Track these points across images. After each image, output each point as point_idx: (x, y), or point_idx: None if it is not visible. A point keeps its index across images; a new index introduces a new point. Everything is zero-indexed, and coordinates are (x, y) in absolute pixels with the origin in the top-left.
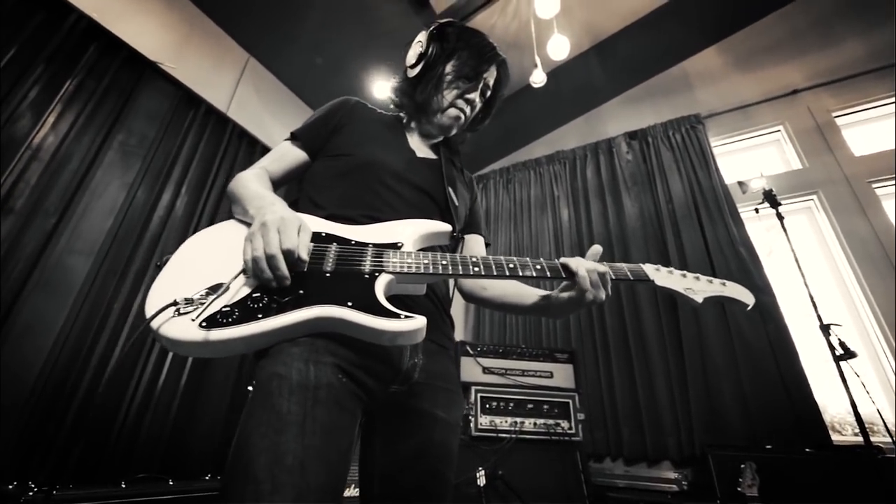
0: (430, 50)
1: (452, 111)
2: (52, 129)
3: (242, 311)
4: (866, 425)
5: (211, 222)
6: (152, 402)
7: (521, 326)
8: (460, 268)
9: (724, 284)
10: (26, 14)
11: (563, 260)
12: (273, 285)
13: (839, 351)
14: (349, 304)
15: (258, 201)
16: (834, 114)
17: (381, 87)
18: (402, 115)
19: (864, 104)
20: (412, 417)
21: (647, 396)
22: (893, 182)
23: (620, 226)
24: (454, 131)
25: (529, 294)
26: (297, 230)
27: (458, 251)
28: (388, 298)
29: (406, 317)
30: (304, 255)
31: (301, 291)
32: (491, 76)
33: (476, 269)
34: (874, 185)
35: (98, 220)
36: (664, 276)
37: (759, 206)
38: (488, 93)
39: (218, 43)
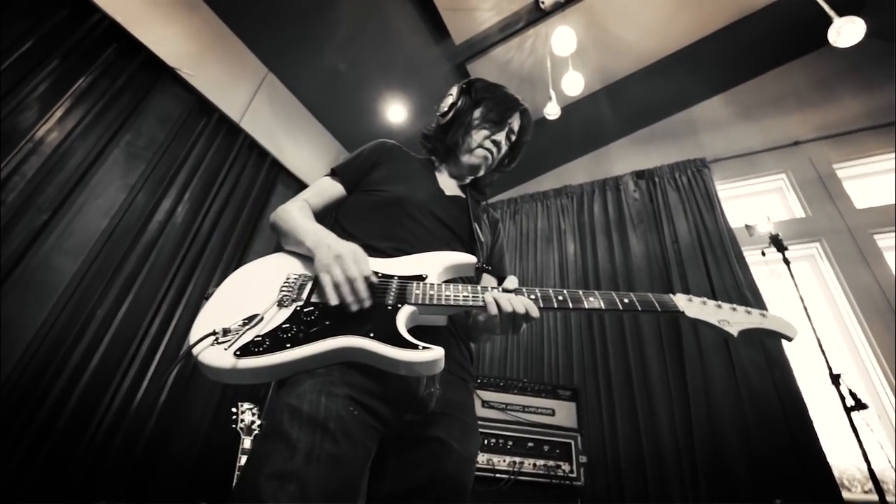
0: (461, 100)
1: (480, 151)
2: (58, 123)
3: (272, 341)
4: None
5: (210, 232)
6: (126, 418)
7: (521, 359)
8: (481, 302)
9: (764, 316)
10: (50, 9)
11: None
12: (354, 308)
13: (850, 402)
14: (371, 334)
15: (313, 235)
16: (835, 166)
17: (397, 112)
18: (433, 158)
19: (863, 158)
20: (425, 446)
21: (650, 442)
22: (894, 234)
23: (626, 263)
24: (482, 171)
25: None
26: (366, 260)
27: None
28: (412, 328)
29: (424, 348)
30: (376, 280)
31: (327, 323)
32: (515, 122)
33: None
34: (875, 236)
35: (93, 220)
36: (697, 308)
37: (765, 250)
38: (513, 137)
39: (239, 56)
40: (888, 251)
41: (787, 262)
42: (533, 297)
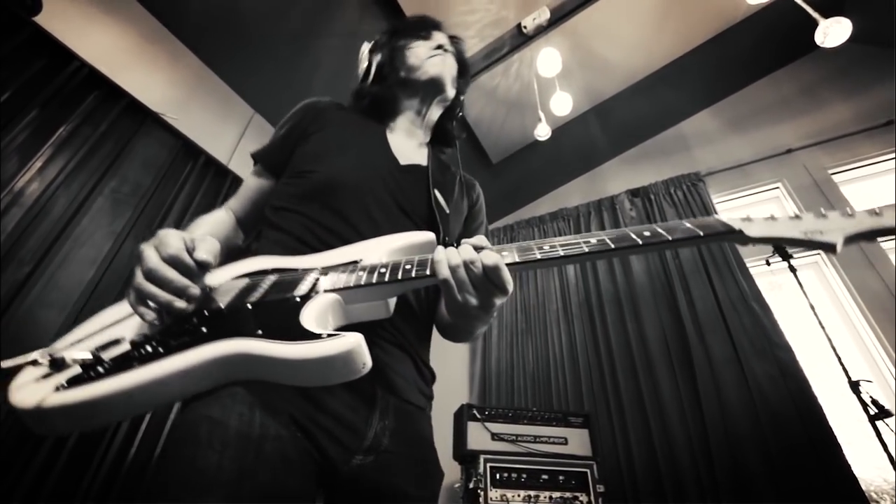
0: (373, 55)
1: (434, 59)
2: (39, 173)
3: (115, 363)
4: None
5: None
6: (119, 477)
7: (528, 387)
8: (427, 270)
9: (877, 213)
10: (27, 59)
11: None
12: (180, 305)
13: (872, 410)
14: (258, 332)
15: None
16: (830, 171)
17: None
18: (380, 107)
19: (857, 162)
20: (379, 496)
21: (667, 465)
22: None
23: (628, 282)
24: (447, 79)
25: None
26: (179, 237)
27: None
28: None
29: (330, 335)
30: (203, 255)
31: (204, 330)
32: (442, 35)
33: (418, 271)
34: (880, 240)
35: (78, 271)
36: (762, 226)
37: (769, 259)
38: (450, 48)
39: (224, 98)
40: (891, 252)
41: (792, 269)
42: (506, 253)
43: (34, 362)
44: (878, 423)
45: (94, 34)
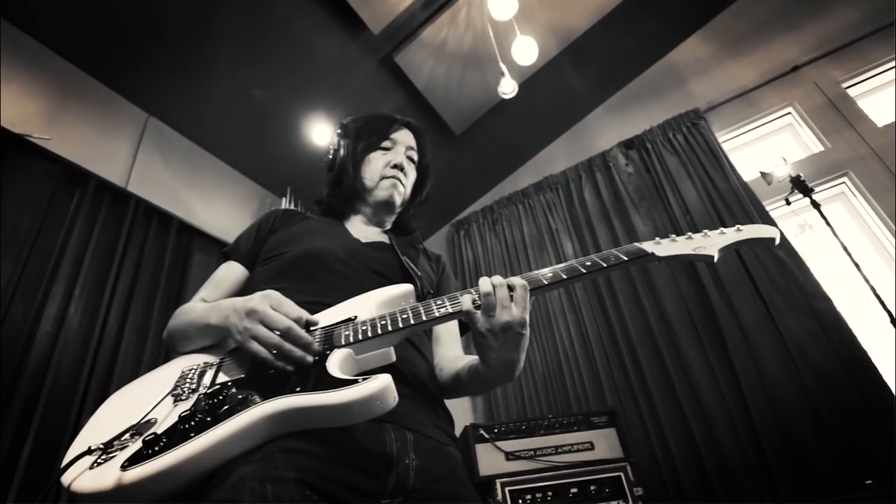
0: (339, 145)
1: (385, 182)
2: None
3: (171, 437)
4: None
5: (120, 328)
6: None
7: (541, 393)
8: (423, 315)
9: (739, 230)
10: None
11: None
12: (308, 361)
13: None
14: (297, 389)
15: (216, 310)
16: (843, 85)
17: (322, 133)
18: (338, 212)
19: (872, 69)
20: None
21: (710, 455)
22: None
23: None
24: (398, 203)
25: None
26: (287, 300)
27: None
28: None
29: (364, 379)
30: (312, 318)
31: (240, 397)
32: (406, 138)
33: (442, 309)
34: None
35: None
36: (668, 247)
37: (789, 197)
38: (413, 154)
39: (106, 104)
40: None
41: (816, 205)
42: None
43: (88, 451)
44: None
45: None
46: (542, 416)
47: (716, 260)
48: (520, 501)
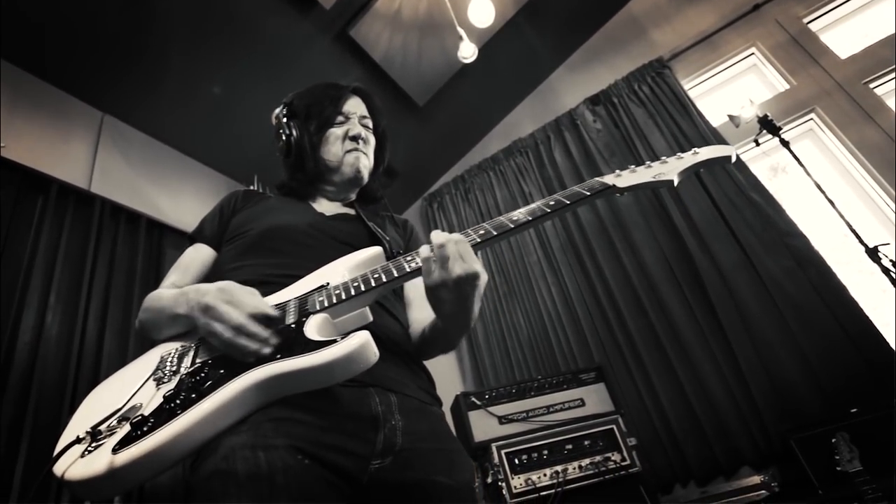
0: (290, 130)
1: (349, 156)
2: None
3: (158, 416)
4: None
5: (101, 332)
6: None
7: (528, 355)
8: (394, 272)
9: (696, 153)
10: None
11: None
12: (266, 351)
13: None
14: (278, 356)
15: (182, 297)
16: (805, 20)
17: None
18: (301, 194)
19: (833, 1)
20: (408, 493)
21: (700, 400)
22: (894, 77)
23: (611, 207)
24: (365, 175)
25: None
26: (245, 293)
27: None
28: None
29: (343, 338)
30: (271, 311)
31: (222, 371)
32: (357, 107)
33: (413, 263)
34: (872, 86)
35: None
36: (628, 177)
37: (758, 138)
38: (368, 122)
39: (58, 106)
40: (889, 96)
41: (785, 143)
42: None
43: (77, 440)
44: None
45: None
46: (531, 378)
47: (676, 184)
48: (515, 462)
